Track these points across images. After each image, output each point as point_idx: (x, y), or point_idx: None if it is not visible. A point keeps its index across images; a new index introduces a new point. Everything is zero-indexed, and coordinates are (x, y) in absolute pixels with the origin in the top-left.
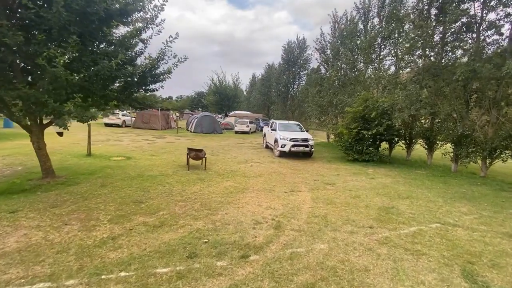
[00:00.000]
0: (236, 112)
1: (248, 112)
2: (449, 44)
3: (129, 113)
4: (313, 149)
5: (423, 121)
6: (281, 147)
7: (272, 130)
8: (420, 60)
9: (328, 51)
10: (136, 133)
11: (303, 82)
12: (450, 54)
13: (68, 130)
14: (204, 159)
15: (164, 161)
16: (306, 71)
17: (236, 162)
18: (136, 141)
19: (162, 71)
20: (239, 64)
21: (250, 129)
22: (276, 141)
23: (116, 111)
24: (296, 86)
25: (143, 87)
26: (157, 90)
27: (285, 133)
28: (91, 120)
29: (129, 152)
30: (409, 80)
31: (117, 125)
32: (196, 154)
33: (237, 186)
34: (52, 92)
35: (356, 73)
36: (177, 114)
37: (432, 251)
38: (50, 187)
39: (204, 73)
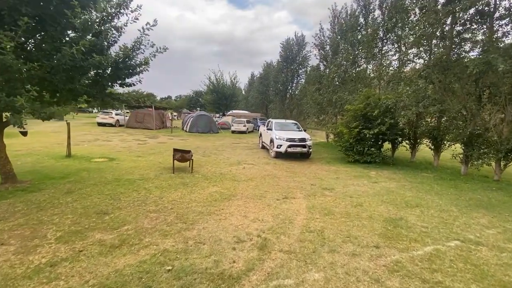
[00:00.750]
0: (234, 111)
1: (246, 112)
2: (460, 36)
3: (126, 112)
4: (311, 150)
5: (428, 119)
6: (277, 147)
7: (267, 129)
8: (426, 54)
9: (328, 47)
10: (129, 132)
11: (302, 80)
12: (460, 47)
13: (24, 129)
14: (191, 161)
15: (149, 163)
16: (305, 69)
17: (228, 163)
18: (126, 141)
19: (138, 62)
20: (239, 64)
21: (248, 128)
22: (271, 141)
23: (109, 110)
24: (294, 84)
25: (118, 81)
26: (134, 84)
27: (281, 133)
28: (51, 118)
29: (115, 153)
30: (418, 74)
31: (111, 125)
32: (182, 155)
33: (223, 192)
34: (4, 85)
35: (357, 69)
36: (175, 113)
37: (456, 282)
38: (7, 194)
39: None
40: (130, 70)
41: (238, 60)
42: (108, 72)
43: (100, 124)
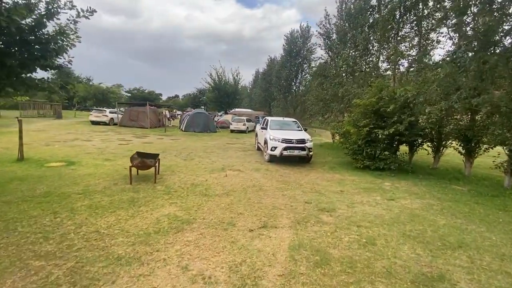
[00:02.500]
0: (237, 109)
1: (249, 110)
2: None
3: (120, 110)
4: (311, 153)
5: (458, 116)
6: (271, 150)
7: (262, 128)
8: (458, 32)
9: (334, 35)
10: (118, 131)
11: (307, 75)
12: None
13: None
14: (155, 167)
15: (113, 168)
16: (310, 63)
17: (209, 170)
18: (107, 141)
19: (53, 32)
20: (246, 63)
21: (247, 127)
22: (265, 142)
23: (103, 108)
24: (299, 80)
25: (33, 62)
26: (61, 66)
27: (276, 133)
28: None
29: (81, 156)
30: (450, 58)
31: (104, 123)
32: (142, 161)
33: (179, 215)
34: None
35: (369, 57)
36: (179, 112)
37: None
38: None
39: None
40: (44, 45)
41: (246, 59)
42: (14, 48)
43: (93, 123)
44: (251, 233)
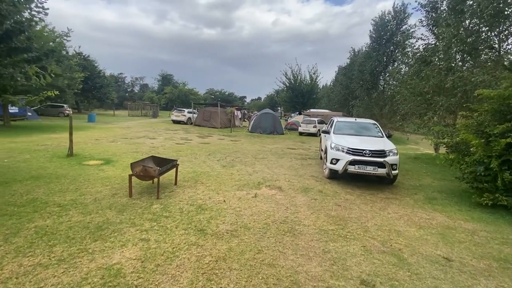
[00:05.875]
0: (312, 110)
1: (326, 110)
2: None
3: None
4: (396, 172)
5: None
6: (331, 162)
7: (324, 132)
8: None
9: (444, 5)
10: (188, 130)
11: (402, 66)
12: None
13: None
14: (158, 179)
15: None
16: (405, 49)
17: (240, 185)
18: (168, 140)
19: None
20: (331, 62)
21: (319, 130)
22: (326, 151)
23: (182, 108)
24: (388, 73)
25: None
26: (42, 59)
27: (340, 139)
28: None
29: (127, 154)
30: None
31: (184, 123)
32: (144, 170)
33: (121, 274)
34: None
35: (504, 26)
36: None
37: None
38: None
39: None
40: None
41: (332, 58)
42: None
43: (174, 122)
44: None
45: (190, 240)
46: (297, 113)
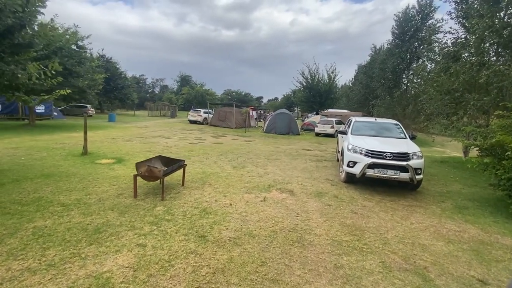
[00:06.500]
0: (330, 110)
1: (345, 110)
2: None
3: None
4: (420, 176)
5: None
6: (348, 165)
7: (340, 133)
8: None
9: None
10: (203, 130)
11: (427, 62)
12: None
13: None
14: (163, 180)
15: None
16: (432, 44)
17: (249, 187)
18: (183, 140)
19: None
20: (351, 61)
21: (336, 131)
22: (343, 153)
23: (198, 108)
24: (412, 71)
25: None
26: (32, 47)
27: (358, 141)
28: None
29: (140, 153)
30: None
31: (200, 123)
32: (149, 170)
33: (109, 284)
34: None
35: None
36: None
37: None
38: None
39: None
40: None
41: (351, 57)
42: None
43: (191, 122)
44: None
45: (189, 247)
46: (314, 113)
